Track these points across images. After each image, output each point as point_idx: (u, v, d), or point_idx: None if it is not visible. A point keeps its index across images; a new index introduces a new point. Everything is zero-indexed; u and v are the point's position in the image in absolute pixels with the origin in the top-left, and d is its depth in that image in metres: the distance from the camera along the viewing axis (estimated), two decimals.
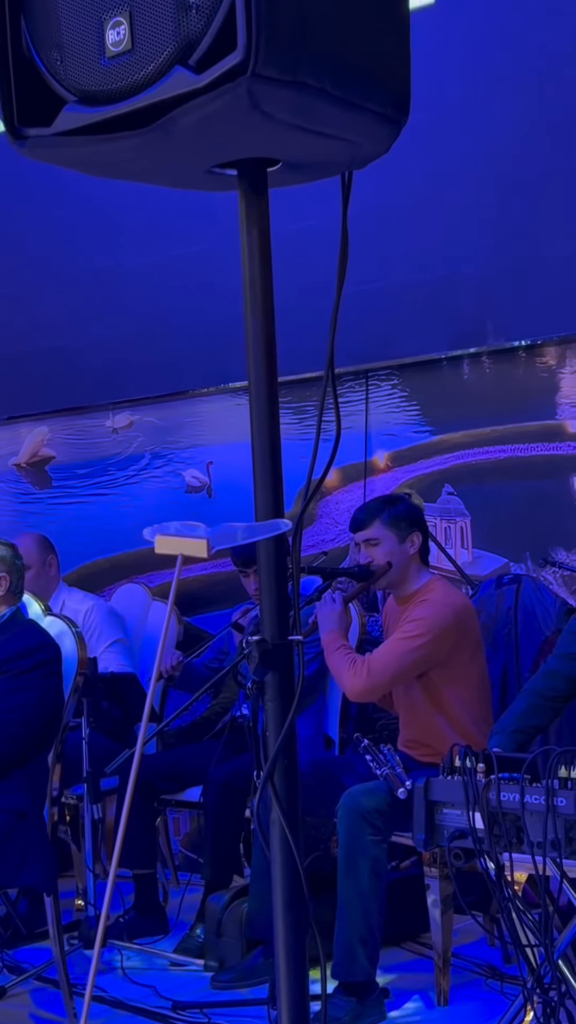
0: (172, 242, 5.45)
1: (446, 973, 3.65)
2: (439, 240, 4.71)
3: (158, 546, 1.66)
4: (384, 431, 4.98)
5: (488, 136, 4.59)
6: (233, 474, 5.47)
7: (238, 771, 4.31)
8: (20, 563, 3.89)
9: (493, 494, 4.73)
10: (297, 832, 1.88)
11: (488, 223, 4.64)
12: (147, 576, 5.53)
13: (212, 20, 1.67)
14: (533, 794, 3.01)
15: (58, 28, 1.82)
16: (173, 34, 1.70)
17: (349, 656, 3.89)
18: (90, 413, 5.95)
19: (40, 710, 3.65)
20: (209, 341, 5.35)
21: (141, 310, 5.61)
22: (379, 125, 1.86)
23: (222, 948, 4.02)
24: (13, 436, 6.27)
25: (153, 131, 1.76)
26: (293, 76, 1.68)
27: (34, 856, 3.56)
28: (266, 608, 1.95)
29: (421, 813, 3.25)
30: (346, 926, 3.54)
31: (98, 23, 1.77)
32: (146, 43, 1.73)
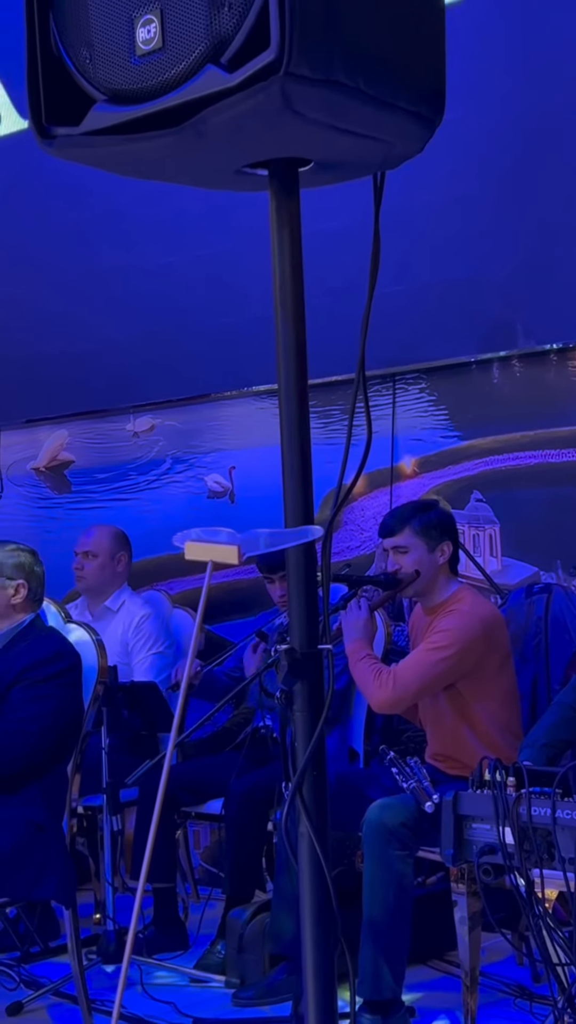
0: (192, 243, 5.47)
1: (474, 992, 3.63)
2: (466, 241, 4.72)
3: (188, 552, 1.67)
4: (411, 436, 4.98)
5: (514, 136, 4.60)
6: (256, 479, 5.47)
7: (260, 783, 4.31)
8: (40, 570, 3.90)
9: (523, 501, 4.73)
10: (326, 846, 1.89)
11: (516, 223, 4.64)
12: (167, 583, 5.54)
13: (245, 18, 1.68)
14: (565, 809, 3.01)
15: (88, 26, 1.84)
16: (205, 32, 1.71)
17: (375, 667, 3.89)
18: (110, 416, 5.98)
19: (58, 720, 3.66)
20: (232, 344, 5.37)
21: (162, 312, 5.62)
22: (413, 124, 1.86)
23: (243, 964, 4.01)
24: (32, 439, 6.29)
25: (183, 131, 1.77)
26: (326, 75, 1.69)
27: (52, 869, 3.57)
28: (295, 616, 1.96)
29: (449, 828, 3.26)
30: (371, 943, 3.53)
31: (129, 21, 1.78)
32: (177, 41, 1.74)
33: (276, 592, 4.61)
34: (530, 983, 3.88)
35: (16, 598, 3.81)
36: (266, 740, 4.54)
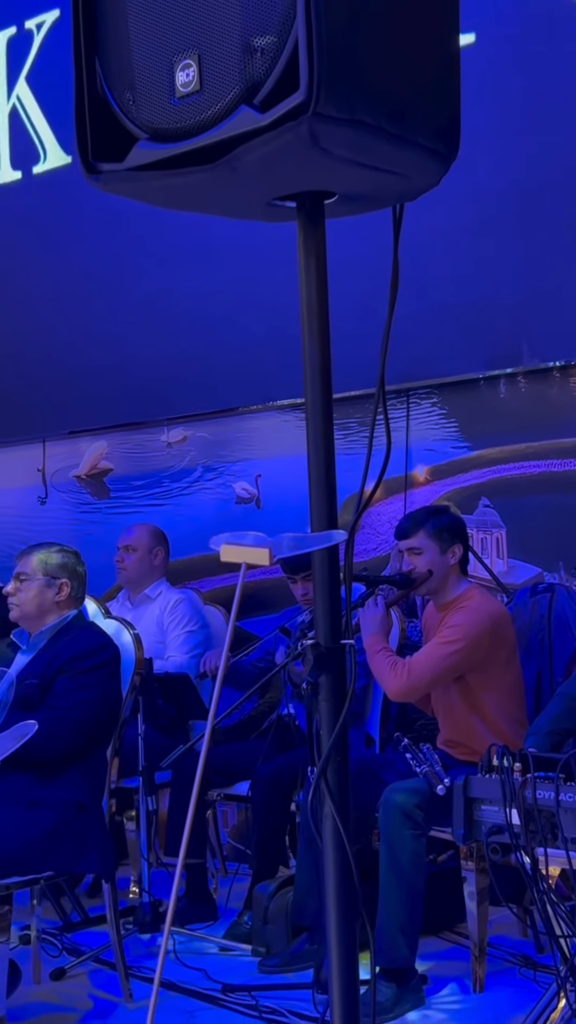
0: (222, 268, 5.48)
1: (482, 962, 3.64)
2: (476, 266, 4.72)
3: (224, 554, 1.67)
4: (424, 446, 4.98)
5: (522, 170, 4.60)
6: (280, 486, 5.48)
7: (284, 767, 4.31)
8: (82, 569, 3.91)
9: (528, 507, 4.72)
10: (348, 826, 1.89)
11: (523, 250, 4.64)
12: (199, 582, 5.55)
13: (276, 63, 1.69)
14: (568, 792, 3.01)
15: (131, 69, 1.85)
16: (239, 76, 1.72)
17: (391, 659, 3.90)
18: (146, 428, 5.99)
19: (99, 708, 3.67)
20: (258, 362, 5.38)
21: (194, 332, 5.63)
22: (429, 160, 1.87)
23: (269, 935, 4.02)
24: (74, 450, 6.31)
25: (219, 166, 1.77)
26: (351, 114, 1.69)
27: (93, 845, 3.58)
28: (320, 613, 1.96)
29: (460, 809, 3.26)
30: (387, 916, 3.54)
31: (168, 65, 1.79)
32: (214, 84, 1.74)
33: (299, 591, 4.62)
34: (534, 954, 3.87)
35: (60, 596, 3.82)
36: (289, 727, 4.54)
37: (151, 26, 1.82)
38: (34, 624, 3.82)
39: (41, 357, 6.28)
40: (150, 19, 1.82)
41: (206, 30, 1.75)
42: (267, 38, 1.69)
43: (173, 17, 1.79)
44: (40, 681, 3.62)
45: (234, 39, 1.72)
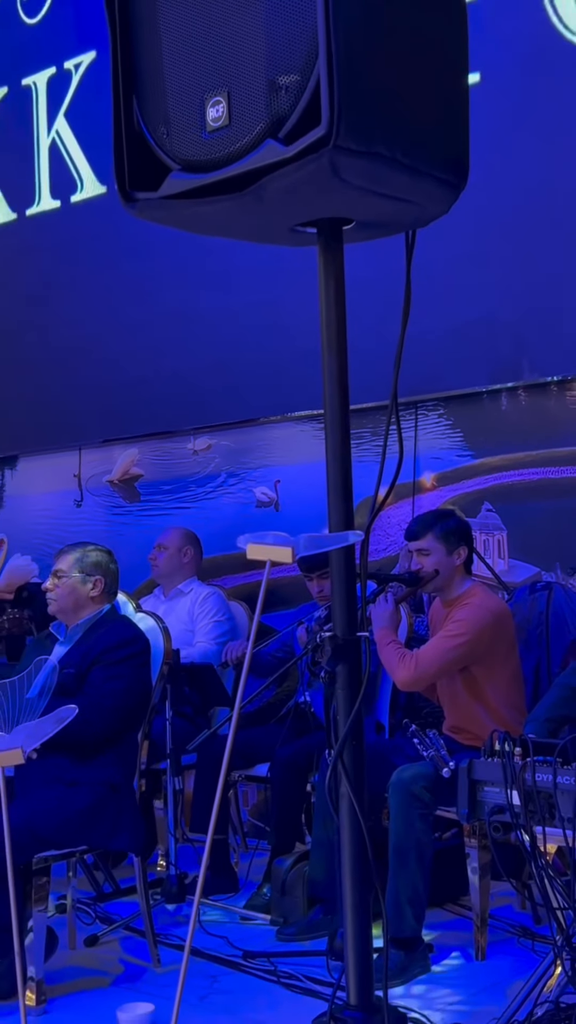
0: (245, 290, 5.49)
1: (483, 932, 3.63)
2: (480, 288, 4.71)
3: (250, 552, 1.67)
4: (431, 455, 4.98)
5: (524, 199, 4.60)
6: (297, 491, 5.48)
7: (300, 751, 4.31)
8: (114, 567, 3.91)
9: (527, 511, 4.72)
10: (363, 804, 1.89)
11: (524, 272, 4.64)
12: (222, 579, 5.55)
13: (299, 99, 1.70)
14: (565, 775, 3.00)
15: (165, 106, 1.86)
16: (265, 112, 1.73)
17: (400, 651, 3.90)
18: (174, 437, 5.99)
19: (131, 696, 3.67)
20: (277, 376, 5.38)
21: (219, 348, 5.64)
22: (440, 189, 1.87)
23: (286, 905, 4.01)
24: (107, 457, 6.32)
25: (246, 195, 1.78)
26: (368, 147, 1.70)
27: (125, 822, 3.58)
28: (338, 608, 1.97)
29: (464, 790, 3.25)
30: (396, 888, 3.53)
31: (200, 102, 1.80)
32: (242, 119, 1.75)
33: (314, 588, 4.62)
34: (532, 925, 3.86)
35: (94, 591, 3.82)
36: (305, 714, 4.54)
37: (184, 66, 1.83)
38: (71, 617, 3.82)
39: (77, 372, 6.29)
40: (183, 59, 1.83)
41: (235, 69, 1.76)
42: (291, 77, 1.70)
43: (204, 57, 1.80)
44: (77, 670, 3.63)
45: (261, 77, 1.73)
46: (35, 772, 3.42)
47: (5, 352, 6.68)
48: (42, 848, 3.40)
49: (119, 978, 3.61)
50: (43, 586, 3.93)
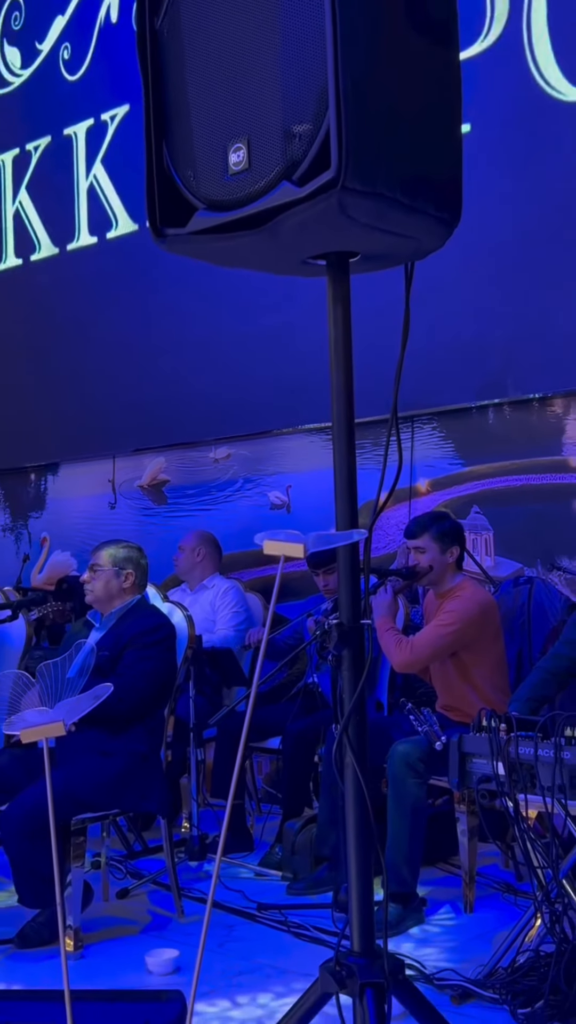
0: (260, 315, 5.49)
1: (471, 888, 3.62)
2: (470, 313, 4.71)
3: (266, 548, 1.66)
4: (425, 463, 4.97)
5: (511, 233, 4.59)
6: (307, 495, 5.48)
7: (309, 726, 4.31)
8: (144, 562, 3.91)
9: (511, 513, 4.71)
10: (366, 773, 1.89)
11: (509, 300, 4.63)
12: (239, 573, 5.55)
13: (311, 146, 1.69)
14: (544, 748, 2.99)
15: (192, 152, 1.85)
16: (281, 157, 1.72)
17: (397, 636, 3.90)
18: (197, 447, 5.99)
19: (158, 676, 3.67)
20: (288, 393, 5.38)
21: (237, 368, 5.65)
22: (437, 225, 1.86)
23: (296, 863, 4.01)
24: (137, 464, 6.33)
25: (263, 231, 1.78)
26: (372, 188, 1.69)
27: (153, 789, 3.58)
28: (344, 598, 1.96)
29: (455, 762, 3.24)
30: (393, 849, 3.52)
31: (223, 148, 1.80)
32: (260, 163, 1.75)
33: (321, 583, 4.62)
34: (515, 882, 3.86)
35: (126, 583, 3.82)
36: (313, 693, 4.54)
37: (208, 115, 1.83)
38: (105, 606, 3.83)
39: (112, 389, 6.30)
40: (207, 110, 1.83)
41: (254, 119, 1.76)
42: (304, 126, 1.70)
43: (227, 108, 1.80)
44: (111, 653, 3.63)
45: (277, 126, 1.72)
46: (74, 743, 3.43)
47: (48, 372, 6.69)
48: (80, 810, 3.40)
49: (147, 927, 3.61)
50: (81, 578, 3.94)
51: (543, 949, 2.96)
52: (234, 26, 1.78)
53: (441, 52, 1.83)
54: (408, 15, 1.75)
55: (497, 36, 4.67)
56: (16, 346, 6.91)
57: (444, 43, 1.84)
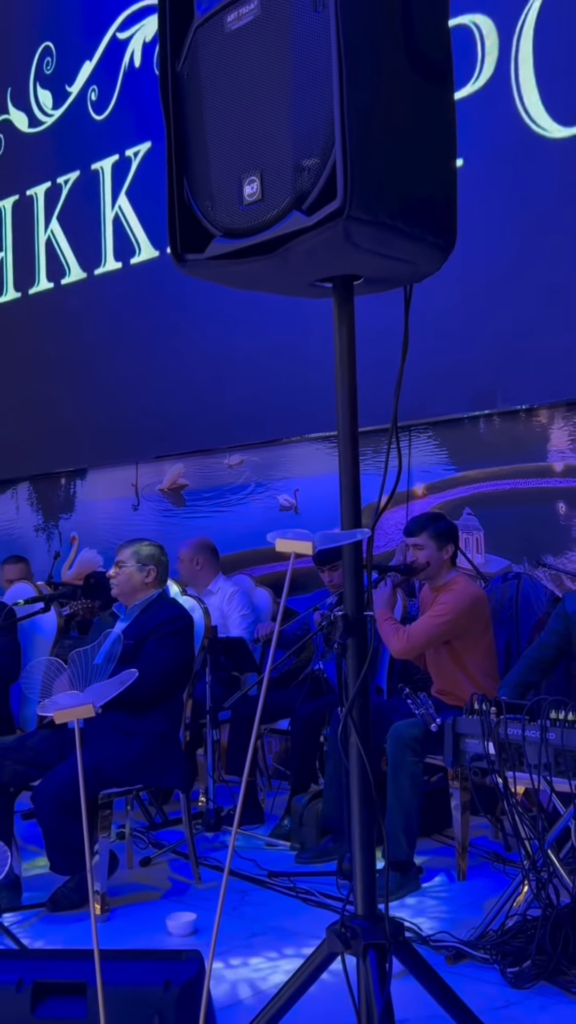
0: (270, 334, 5.49)
1: (464, 857, 3.62)
2: (462, 331, 4.71)
3: (278, 546, 1.66)
4: (421, 469, 4.97)
5: (500, 259, 4.59)
6: (313, 498, 5.48)
7: (316, 709, 4.30)
8: (165, 559, 3.90)
9: (500, 515, 4.70)
10: (369, 752, 1.88)
11: (497, 320, 4.63)
12: (251, 569, 5.55)
13: (319, 178, 1.69)
14: (531, 730, 2.99)
15: (210, 184, 1.85)
16: (291, 188, 1.72)
17: (395, 626, 3.89)
18: (213, 454, 6.00)
19: (177, 663, 3.66)
20: (295, 405, 5.38)
21: (249, 382, 5.65)
22: (434, 251, 1.86)
23: (303, 834, 4.00)
24: (158, 470, 6.34)
25: (275, 256, 1.77)
26: (375, 217, 1.69)
27: (173, 766, 3.58)
28: (349, 592, 1.95)
29: (449, 742, 3.24)
30: (392, 821, 3.52)
31: (238, 180, 1.79)
32: (272, 194, 1.74)
33: (326, 578, 4.61)
34: (504, 852, 3.85)
35: (148, 578, 3.82)
36: (319, 679, 4.53)
37: (225, 151, 1.83)
38: (129, 599, 3.82)
39: (135, 401, 6.31)
40: (224, 146, 1.83)
41: (266, 154, 1.75)
42: (312, 160, 1.69)
43: (242, 144, 1.79)
44: (134, 642, 3.63)
45: (288, 160, 1.72)
46: (100, 724, 3.42)
47: (77, 385, 6.70)
48: (106, 786, 3.40)
49: (168, 893, 3.61)
50: (107, 574, 3.93)
51: (530, 913, 2.96)
52: (248, 69, 1.78)
53: (438, 92, 1.83)
54: (408, 59, 1.74)
55: (487, 78, 4.67)
56: (48, 362, 6.92)
57: (441, 84, 1.84)
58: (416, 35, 1.76)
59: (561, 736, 2.93)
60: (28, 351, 7.05)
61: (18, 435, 7.11)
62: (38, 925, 3.30)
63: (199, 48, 1.86)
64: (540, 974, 2.76)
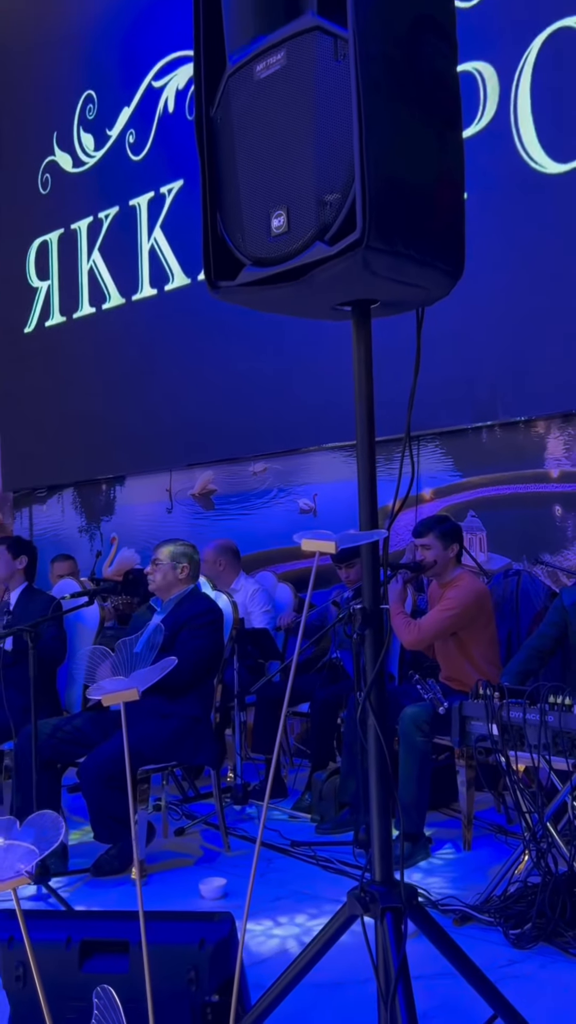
0: (290, 353, 5.50)
1: (469, 829, 3.60)
2: (467, 349, 4.70)
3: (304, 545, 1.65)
4: (429, 475, 4.96)
5: (499, 284, 4.57)
6: (330, 502, 5.48)
7: (333, 694, 4.30)
8: (197, 557, 3.92)
9: (501, 517, 4.69)
10: (386, 732, 1.87)
11: (498, 340, 4.61)
12: (274, 567, 5.56)
13: (340, 212, 1.68)
14: (531, 713, 2.98)
15: (240, 218, 1.85)
16: (315, 221, 1.71)
17: (406, 619, 3.87)
18: (239, 462, 6.02)
19: (207, 651, 3.67)
20: (315, 417, 5.39)
21: (272, 397, 5.66)
22: (444, 277, 1.85)
23: (323, 808, 4.01)
24: (190, 476, 6.36)
25: (299, 283, 1.77)
26: (391, 247, 1.68)
27: (205, 745, 3.59)
28: (366, 587, 1.95)
29: (456, 724, 3.23)
30: (404, 796, 3.51)
31: (266, 214, 1.79)
32: (297, 227, 1.74)
33: (343, 575, 4.60)
34: (506, 824, 3.83)
35: (182, 575, 3.83)
36: (336, 667, 4.53)
37: (254, 188, 1.82)
38: (165, 594, 3.84)
39: (169, 414, 6.34)
40: (254, 184, 1.83)
41: (292, 190, 1.75)
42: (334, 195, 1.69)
43: (269, 182, 1.79)
44: (169, 632, 3.64)
45: (311, 196, 1.72)
46: (138, 707, 3.44)
47: (117, 400, 6.73)
48: (144, 763, 3.41)
49: (200, 860, 3.62)
50: (145, 571, 3.95)
51: (530, 880, 2.94)
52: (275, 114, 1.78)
53: (448, 132, 1.82)
54: (421, 103, 1.74)
55: (489, 119, 4.66)
56: (91, 379, 6.96)
57: (450, 125, 1.83)
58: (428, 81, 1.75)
59: (559, 719, 2.92)
60: (72, 370, 7.09)
61: (64, 446, 7.15)
62: (83, 889, 3.31)
63: (231, 95, 1.86)
64: (540, 936, 2.74)
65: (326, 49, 1.68)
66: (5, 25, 7.77)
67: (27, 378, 7.49)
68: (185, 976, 2.04)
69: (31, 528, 7.58)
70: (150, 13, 6.49)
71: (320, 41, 1.69)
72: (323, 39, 1.68)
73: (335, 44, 1.67)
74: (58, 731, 3.52)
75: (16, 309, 7.60)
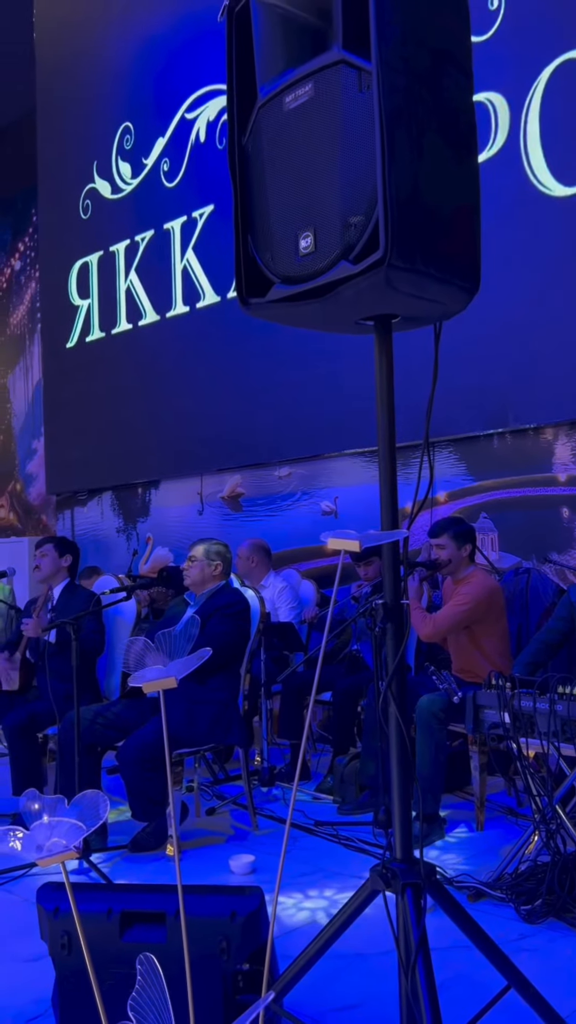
0: (314, 365, 5.49)
1: (482, 811, 3.58)
2: (479, 361, 4.67)
3: (330, 544, 1.64)
4: (444, 479, 4.93)
5: (510, 299, 4.54)
6: (351, 504, 5.47)
7: (354, 684, 4.29)
8: (229, 556, 3.92)
9: (512, 518, 4.65)
10: (406, 719, 1.87)
11: (509, 351, 4.58)
12: (297, 565, 5.55)
13: (364, 232, 1.68)
14: (541, 702, 2.96)
15: (270, 239, 1.85)
16: (340, 242, 1.71)
17: (422, 614, 3.86)
18: (265, 467, 6.02)
19: (233, 637, 3.67)
20: (336, 425, 5.37)
21: (297, 406, 5.65)
22: (461, 293, 1.84)
23: (344, 790, 3.99)
24: (220, 480, 6.36)
25: (326, 300, 1.77)
26: (412, 265, 1.67)
27: (234, 728, 3.59)
28: (387, 584, 1.94)
29: (470, 712, 3.21)
30: (421, 779, 3.49)
31: (295, 236, 1.79)
32: (323, 247, 1.74)
33: (361, 572, 4.59)
34: (516, 806, 3.80)
35: (215, 572, 3.84)
36: (357, 659, 4.51)
37: (283, 212, 1.83)
38: (199, 588, 3.85)
39: (200, 423, 6.35)
40: (282, 207, 1.83)
41: (319, 213, 1.75)
42: (358, 217, 1.69)
43: (297, 206, 1.79)
44: (202, 622, 3.65)
45: (337, 218, 1.72)
46: (172, 694, 3.44)
47: (152, 410, 6.76)
48: (178, 746, 3.42)
49: (230, 838, 3.62)
50: (181, 567, 3.96)
51: (540, 859, 2.92)
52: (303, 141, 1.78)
53: (464, 158, 1.81)
54: (440, 131, 1.73)
55: (500, 146, 4.64)
56: (127, 391, 6.99)
57: (466, 151, 1.82)
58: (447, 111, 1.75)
59: (567, 708, 2.90)
60: (111, 382, 7.13)
61: (102, 452, 7.19)
62: (121, 863, 3.33)
63: (261, 124, 1.86)
64: (549, 912, 2.72)
65: (351, 81, 1.68)
66: (51, 64, 7.84)
67: (69, 390, 7.54)
68: (217, 946, 2.04)
69: (72, 529, 7.63)
70: (183, 50, 6.52)
71: (345, 74, 1.69)
72: (348, 72, 1.68)
73: (359, 77, 1.67)
74: (99, 717, 3.54)
75: (59, 326, 7.65)
